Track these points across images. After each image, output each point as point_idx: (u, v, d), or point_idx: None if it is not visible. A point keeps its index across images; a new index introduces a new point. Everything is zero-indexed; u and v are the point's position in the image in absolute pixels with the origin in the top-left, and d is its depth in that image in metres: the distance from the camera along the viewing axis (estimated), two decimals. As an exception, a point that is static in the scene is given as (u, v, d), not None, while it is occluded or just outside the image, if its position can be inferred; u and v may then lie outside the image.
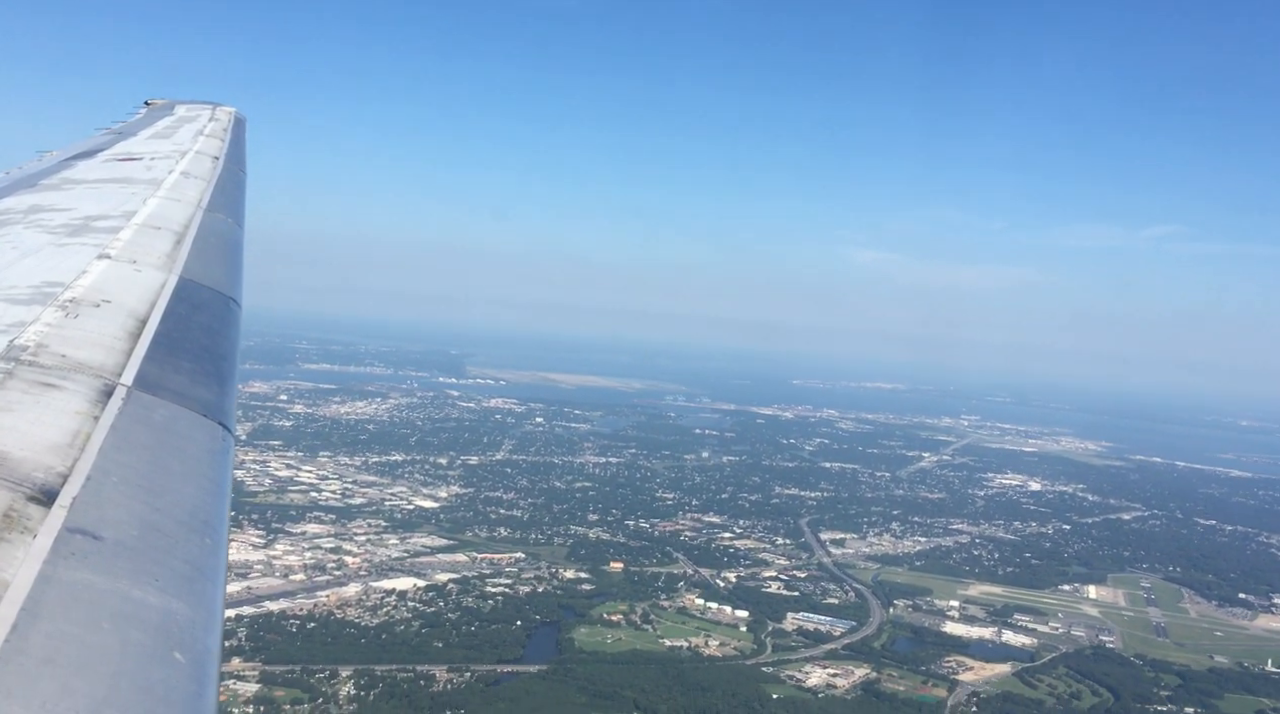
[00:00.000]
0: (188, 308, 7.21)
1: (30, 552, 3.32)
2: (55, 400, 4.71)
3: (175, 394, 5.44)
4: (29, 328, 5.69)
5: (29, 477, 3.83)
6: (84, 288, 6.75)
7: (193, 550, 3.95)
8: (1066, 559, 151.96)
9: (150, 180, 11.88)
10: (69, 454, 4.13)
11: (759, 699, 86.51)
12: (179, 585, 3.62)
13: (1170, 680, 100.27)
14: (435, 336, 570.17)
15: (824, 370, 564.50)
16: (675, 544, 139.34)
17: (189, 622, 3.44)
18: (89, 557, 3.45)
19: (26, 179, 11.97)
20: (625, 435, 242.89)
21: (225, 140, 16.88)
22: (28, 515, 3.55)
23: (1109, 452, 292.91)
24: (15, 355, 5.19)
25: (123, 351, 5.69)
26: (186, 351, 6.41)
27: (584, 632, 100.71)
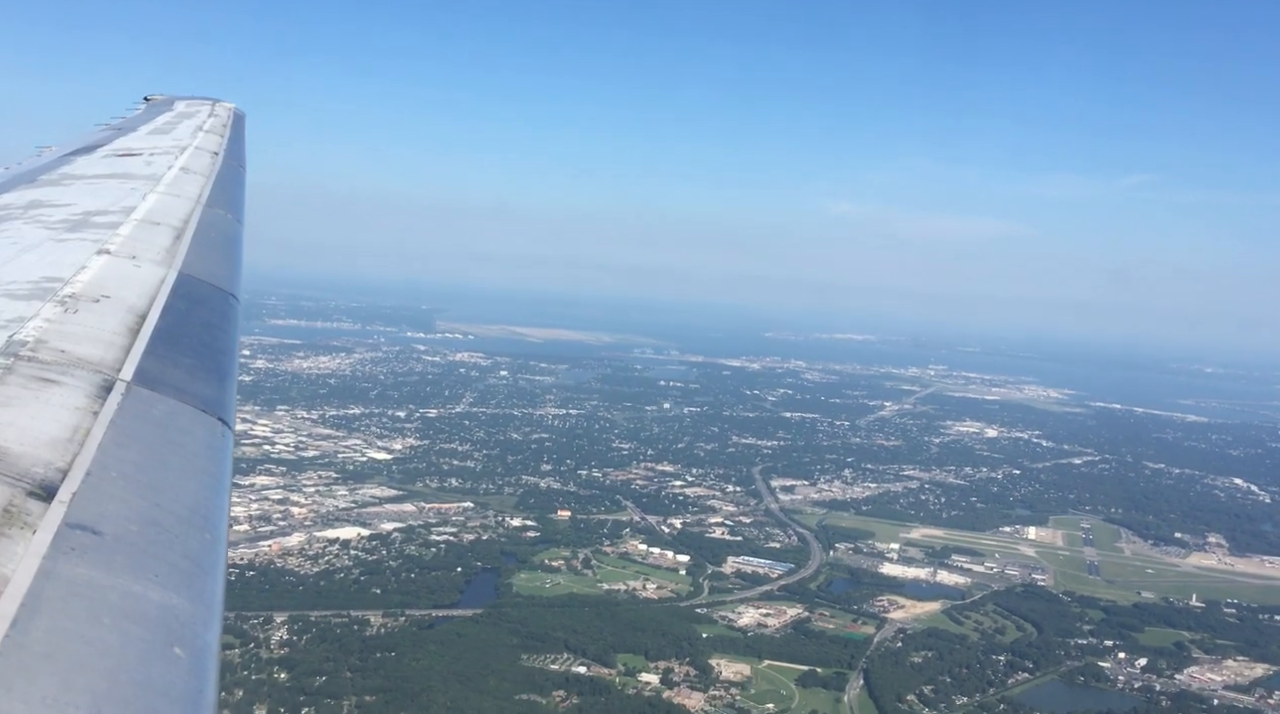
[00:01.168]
0: (187, 303, 7.22)
1: (30, 547, 3.32)
2: (55, 396, 4.69)
3: (175, 389, 5.43)
4: (28, 323, 5.67)
5: (29, 472, 3.83)
6: (83, 283, 6.74)
7: (192, 545, 3.96)
8: (1012, 503, 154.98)
9: (150, 176, 11.89)
10: (69, 449, 4.13)
11: (689, 638, 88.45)
12: (179, 581, 3.63)
13: (1095, 615, 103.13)
14: (407, 292, 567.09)
15: (796, 323, 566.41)
16: (626, 492, 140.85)
17: (189, 617, 3.46)
18: (89, 552, 3.45)
19: (26, 174, 12.00)
20: (588, 388, 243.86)
21: (225, 136, 16.94)
22: (27, 511, 3.55)
23: (1070, 399, 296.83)
24: (14, 351, 5.17)
25: (122, 347, 5.67)
26: (186, 347, 6.42)
27: (524, 577, 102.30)
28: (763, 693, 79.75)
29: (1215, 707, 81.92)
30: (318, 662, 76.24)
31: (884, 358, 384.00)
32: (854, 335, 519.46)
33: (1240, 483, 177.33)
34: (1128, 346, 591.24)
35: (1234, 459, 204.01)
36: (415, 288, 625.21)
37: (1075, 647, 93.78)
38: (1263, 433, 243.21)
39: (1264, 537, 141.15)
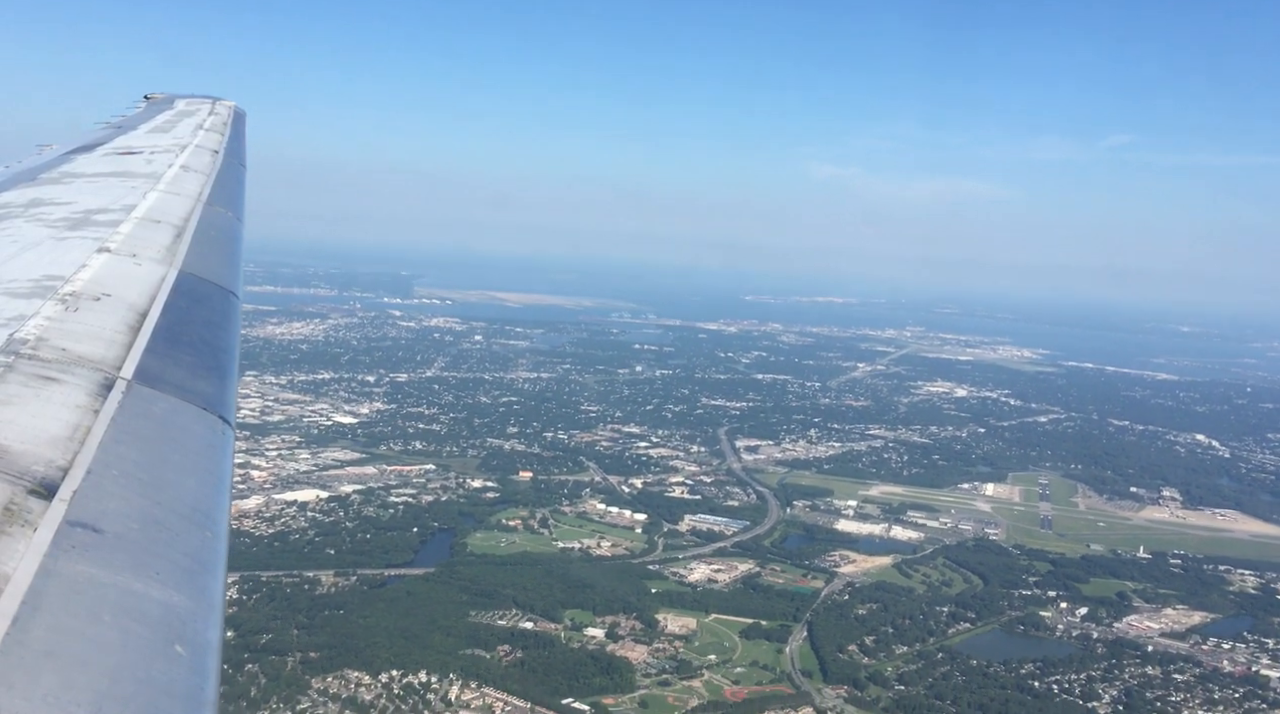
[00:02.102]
0: (188, 301, 7.20)
1: (31, 545, 3.33)
2: (55, 394, 4.69)
3: (175, 387, 5.43)
4: (29, 321, 5.66)
5: (29, 470, 3.84)
6: (84, 281, 6.73)
7: (193, 543, 3.97)
8: (973, 460, 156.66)
9: (150, 174, 11.87)
10: (69, 447, 4.14)
11: (638, 594, 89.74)
12: (179, 578, 3.64)
13: (1042, 567, 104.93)
14: (389, 259, 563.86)
15: (777, 287, 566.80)
16: (590, 454, 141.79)
17: (189, 614, 3.47)
18: (89, 550, 3.46)
19: (26, 173, 12.01)
20: (562, 351, 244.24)
21: (225, 134, 16.94)
22: (28, 509, 3.55)
23: (1043, 359, 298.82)
24: (15, 349, 5.16)
25: (123, 345, 5.67)
26: (186, 345, 6.42)
27: (479, 537, 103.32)
28: (706, 645, 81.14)
29: (1149, 653, 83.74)
30: (265, 620, 77.14)
31: (862, 320, 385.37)
32: (835, 298, 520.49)
33: (1202, 439, 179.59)
34: (1106, 307, 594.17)
35: (1199, 415, 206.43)
36: (399, 255, 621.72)
37: (1019, 597, 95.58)
38: (1230, 390, 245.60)
39: (1218, 490, 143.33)
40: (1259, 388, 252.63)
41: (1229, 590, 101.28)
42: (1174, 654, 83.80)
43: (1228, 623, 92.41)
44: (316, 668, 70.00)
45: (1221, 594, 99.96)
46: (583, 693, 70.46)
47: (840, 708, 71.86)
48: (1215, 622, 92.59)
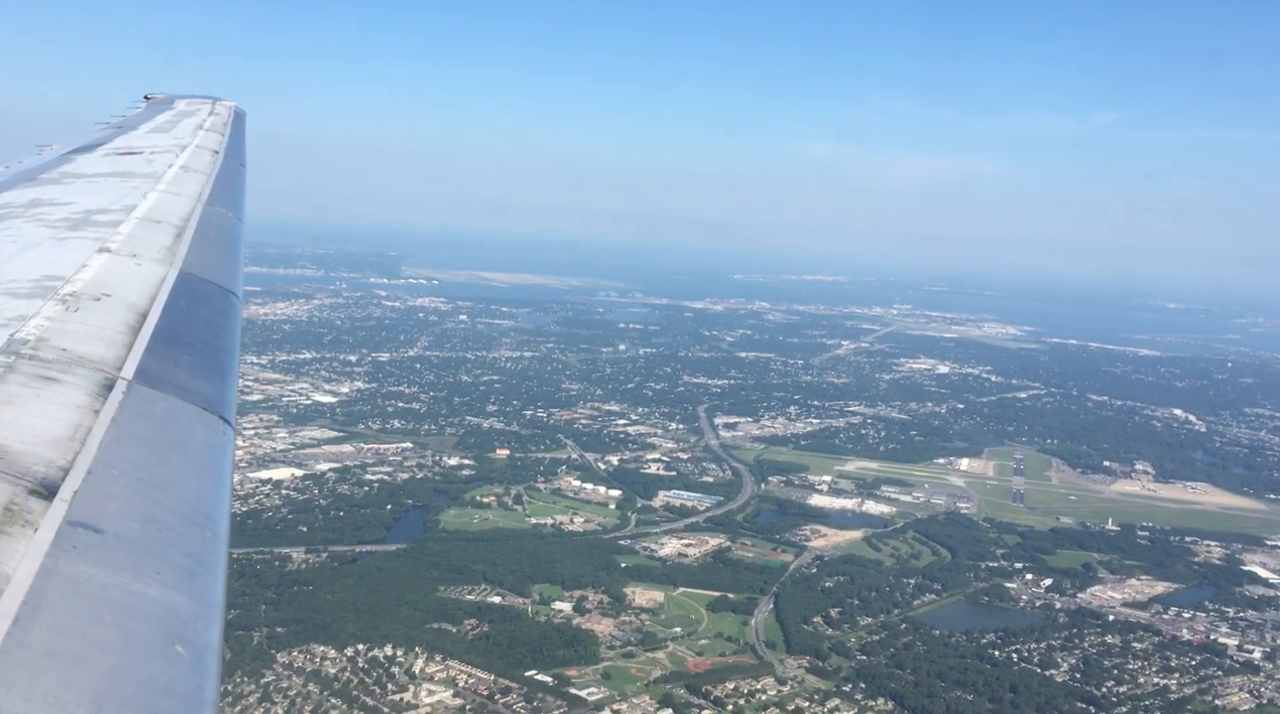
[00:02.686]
0: (188, 301, 7.21)
1: (31, 545, 3.33)
2: (56, 394, 4.70)
3: (176, 387, 5.44)
4: (29, 322, 5.66)
5: (30, 470, 3.85)
6: (84, 282, 6.73)
7: (193, 543, 3.98)
8: (950, 436, 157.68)
9: (150, 174, 11.88)
10: (70, 448, 4.15)
11: (607, 568, 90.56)
12: (180, 579, 3.65)
13: (1011, 540, 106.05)
14: (378, 239, 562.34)
15: (767, 265, 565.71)
16: (569, 431, 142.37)
17: (190, 615, 3.48)
18: (90, 550, 3.46)
19: (26, 173, 12.01)
20: (547, 331, 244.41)
21: (225, 134, 16.96)
22: (29, 509, 3.56)
23: (1027, 336, 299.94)
24: (16, 349, 5.17)
25: (123, 345, 5.68)
26: (187, 345, 6.42)
27: (453, 514, 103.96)
28: (673, 618, 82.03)
29: (1110, 622, 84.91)
30: (233, 596, 77.48)
31: (850, 298, 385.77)
32: (823, 276, 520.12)
33: (1179, 413, 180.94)
34: (1094, 284, 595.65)
35: (1178, 391, 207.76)
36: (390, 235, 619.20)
37: (985, 569, 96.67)
38: (1211, 365, 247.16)
39: (1191, 463, 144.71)
40: (1239, 363, 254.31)
41: (1194, 561, 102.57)
42: (1135, 623, 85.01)
43: (1190, 593, 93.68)
44: (282, 642, 70.69)
45: (1186, 565, 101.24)
46: (546, 665, 71.29)
47: (801, 678, 72.81)
48: (1178, 592, 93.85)
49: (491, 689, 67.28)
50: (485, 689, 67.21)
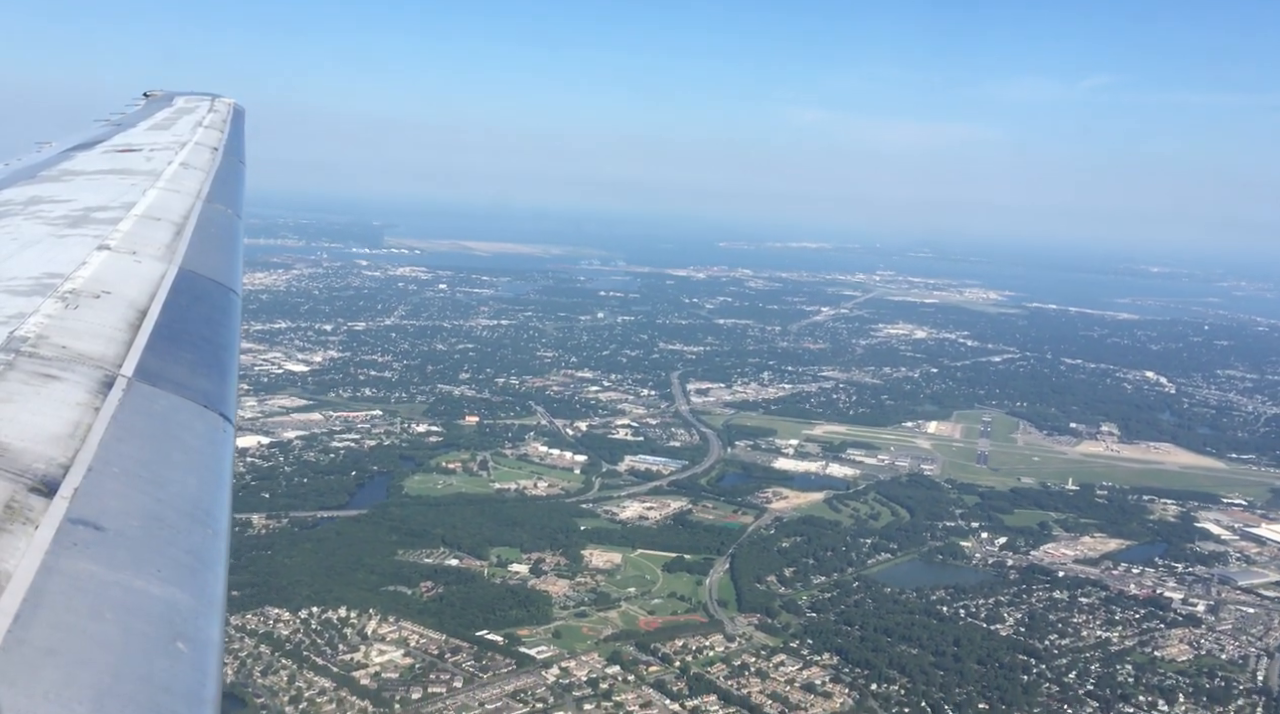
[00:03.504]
0: (188, 299, 7.23)
1: (32, 543, 3.34)
2: (56, 391, 4.71)
3: (176, 385, 5.46)
4: (29, 319, 5.68)
5: (30, 468, 3.86)
6: (84, 279, 6.75)
7: (194, 540, 4.00)
8: (921, 399, 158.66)
9: (149, 172, 11.90)
10: (70, 445, 4.16)
11: (566, 531, 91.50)
12: (181, 575, 3.66)
13: (971, 500, 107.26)
14: (362, 209, 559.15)
15: (752, 232, 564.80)
16: (540, 398, 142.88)
17: (191, 611, 3.49)
18: (91, 547, 3.47)
19: (26, 170, 12.02)
20: (526, 299, 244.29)
21: (224, 132, 16.95)
22: (29, 506, 3.57)
23: (1008, 301, 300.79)
24: (15, 347, 5.18)
25: (123, 342, 5.68)
26: (187, 342, 6.44)
27: (417, 479, 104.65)
28: (628, 578, 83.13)
29: (1059, 578, 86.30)
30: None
31: (833, 265, 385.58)
32: (809, 243, 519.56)
33: (1151, 375, 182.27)
34: (1081, 248, 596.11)
35: (1152, 353, 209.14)
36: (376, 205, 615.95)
37: (942, 529, 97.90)
38: (1188, 328, 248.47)
39: (1157, 424, 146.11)
40: (1216, 326, 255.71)
41: (1149, 519, 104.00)
42: (1083, 579, 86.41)
43: (1142, 550, 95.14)
44: (237, 605, 71.41)
45: (1141, 522, 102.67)
46: (498, 625, 72.33)
47: (750, 635, 74.03)
48: (1130, 548, 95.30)
49: (442, 649, 68.33)
50: (436, 649, 68.27)
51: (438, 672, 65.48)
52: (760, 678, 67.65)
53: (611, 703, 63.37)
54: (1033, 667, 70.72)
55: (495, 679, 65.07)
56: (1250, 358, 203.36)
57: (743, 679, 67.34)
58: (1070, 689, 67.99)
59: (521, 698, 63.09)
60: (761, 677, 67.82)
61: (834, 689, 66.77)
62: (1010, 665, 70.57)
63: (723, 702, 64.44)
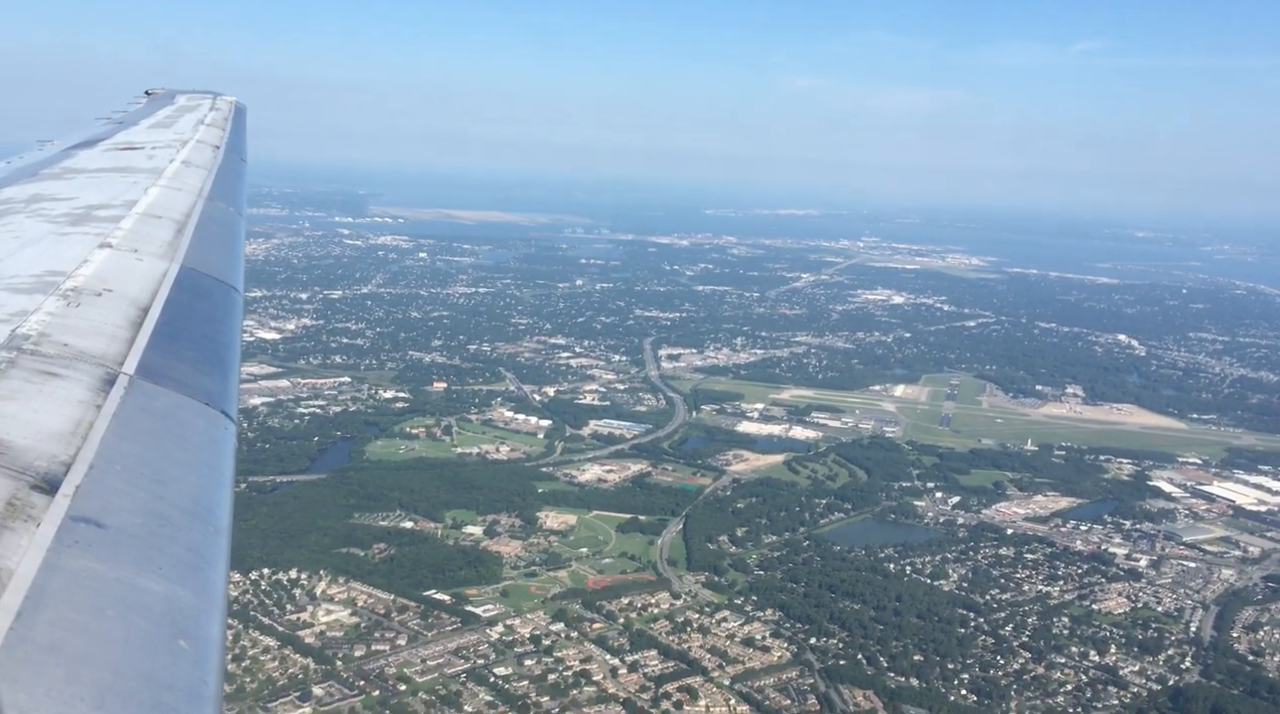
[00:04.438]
0: (189, 296, 7.24)
1: (34, 540, 3.34)
2: (58, 389, 4.71)
3: (177, 382, 5.47)
4: (31, 317, 5.68)
5: (32, 465, 3.87)
6: (86, 277, 6.75)
7: (195, 538, 4.01)
8: (892, 363, 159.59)
9: (151, 169, 11.92)
10: (72, 442, 4.17)
11: (523, 494, 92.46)
12: (182, 573, 3.67)
13: (929, 461, 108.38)
14: (350, 178, 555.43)
15: (740, 199, 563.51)
16: (510, 364, 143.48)
17: (192, 609, 3.50)
18: (92, 545, 3.48)
19: (27, 168, 12.05)
20: (506, 267, 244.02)
21: (226, 129, 16.97)
22: (31, 504, 3.57)
23: (990, 266, 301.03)
24: (17, 344, 5.18)
25: (125, 340, 5.70)
26: (188, 340, 6.45)
27: (379, 444, 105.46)
28: (581, 539, 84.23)
29: (1008, 535, 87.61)
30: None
31: (819, 231, 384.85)
32: (796, 210, 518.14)
33: (1123, 338, 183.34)
34: (1069, 213, 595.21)
35: (1127, 317, 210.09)
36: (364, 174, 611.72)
37: (898, 489, 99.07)
38: (1166, 292, 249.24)
39: (1123, 386, 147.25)
40: (1194, 290, 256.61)
41: (1103, 478, 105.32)
42: (1031, 536, 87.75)
43: (1093, 507, 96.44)
44: (188, 567, 72.32)
45: (1095, 481, 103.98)
46: (447, 585, 73.43)
47: (696, 592, 75.27)
48: (1082, 506, 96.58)
49: (389, 608, 69.41)
50: (383, 608, 69.34)
51: (383, 630, 66.60)
52: (701, 633, 68.94)
53: (552, 658, 64.56)
54: (971, 620, 72.12)
55: (439, 637, 66.23)
56: (1223, 321, 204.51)
57: (684, 635, 68.61)
58: (1005, 641, 69.38)
59: (463, 654, 64.27)
60: (703, 632, 69.11)
61: (773, 644, 68.07)
62: (949, 619, 71.96)
63: (662, 656, 65.70)
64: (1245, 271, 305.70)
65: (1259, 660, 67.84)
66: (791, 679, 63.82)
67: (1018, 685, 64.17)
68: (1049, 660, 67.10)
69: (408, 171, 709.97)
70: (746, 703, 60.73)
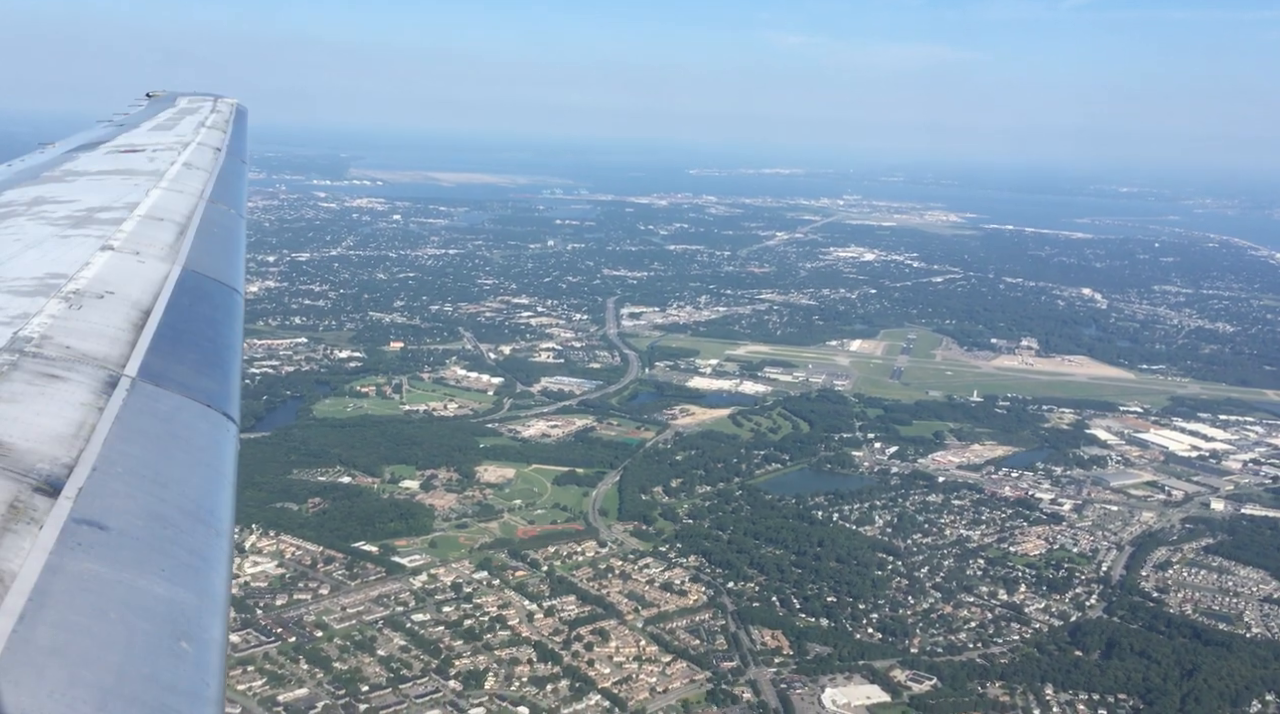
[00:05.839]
0: (191, 299, 7.25)
1: (37, 542, 3.35)
2: (60, 392, 4.71)
3: (179, 384, 5.48)
4: (33, 319, 5.68)
5: (34, 468, 3.88)
6: (87, 279, 6.76)
7: (197, 540, 4.02)
8: (852, 319, 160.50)
9: (152, 172, 11.94)
10: (74, 445, 4.17)
11: (464, 449, 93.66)
12: (184, 575, 3.68)
13: (874, 413, 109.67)
14: (334, 141, 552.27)
15: (725, 159, 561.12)
16: (470, 324, 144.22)
17: (194, 610, 3.51)
18: (95, 547, 3.48)
19: (29, 171, 12.08)
20: (480, 228, 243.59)
21: (227, 132, 17.03)
22: (34, 506, 3.58)
23: (967, 223, 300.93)
24: (20, 347, 5.18)
25: (127, 342, 5.70)
26: (190, 342, 6.47)
27: (328, 403, 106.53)
28: (517, 491, 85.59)
29: (939, 483, 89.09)
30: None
31: (801, 190, 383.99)
32: (782, 169, 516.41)
33: (1087, 292, 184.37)
34: (1055, 170, 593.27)
35: (1095, 271, 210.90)
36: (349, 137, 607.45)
37: (838, 440, 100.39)
38: (1138, 246, 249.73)
39: (1078, 338, 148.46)
40: (1167, 243, 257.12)
41: (1043, 427, 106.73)
42: (962, 483, 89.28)
43: (1028, 455, 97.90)
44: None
45: (1034, 430, 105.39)
46: (377, 537, 74.82)
47: (622, 541, 76.79)
48: (1017, 454, 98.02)
49: (316, 559, 70.82)
50: (310, 560, 70.76)
51: (307, 580, 68.05)
52: (622, 579, 70.54)
53: (471, 605, 66.13)
54: (889, 563, 73.72)
55: (362, 586, 67.73)
56: (1190, 274, 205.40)
57: (605, 581, 70.17)
58: (919, 583, 71.01)
59: (384, 602, 65.80)
60: (624, 578, 70.70)
61: (691, 588, 69.65)
62: (867, 563, 73.56)
63: (580, 601, 67.24)
64: (1222, 225, 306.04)
65: (1163, 597, 69.62)
66: (704, 621, 65.49)
67: (923, 624, 65.90)
68: (958, 600, 68.82)
69: (394, 135, 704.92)
70: (656, 644, 62.35)
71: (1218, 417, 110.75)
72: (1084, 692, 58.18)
